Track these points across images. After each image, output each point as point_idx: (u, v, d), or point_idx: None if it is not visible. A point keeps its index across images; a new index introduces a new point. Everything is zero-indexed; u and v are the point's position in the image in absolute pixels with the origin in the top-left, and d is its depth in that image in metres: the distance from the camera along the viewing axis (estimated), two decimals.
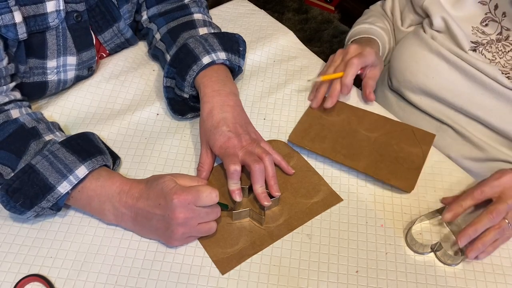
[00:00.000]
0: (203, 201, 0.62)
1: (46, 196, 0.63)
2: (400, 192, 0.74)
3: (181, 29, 0.83)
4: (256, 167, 0.67)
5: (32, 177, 0.63)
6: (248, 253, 0.66)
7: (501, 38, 0.82)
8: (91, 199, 0.65)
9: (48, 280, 0.62)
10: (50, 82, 0.78)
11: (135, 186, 0.65)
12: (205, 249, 0.66)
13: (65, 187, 0.63)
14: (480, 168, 0.85)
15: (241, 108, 0.76)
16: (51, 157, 0.64)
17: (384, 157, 0.76)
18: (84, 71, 0.82)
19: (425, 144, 0.78)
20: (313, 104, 0.83)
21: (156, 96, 0.85)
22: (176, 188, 0.62)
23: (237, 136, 0.71)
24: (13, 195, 0.62)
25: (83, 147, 0.66)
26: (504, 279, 0.65)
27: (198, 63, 0.76)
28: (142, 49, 0.93)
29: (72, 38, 0.76)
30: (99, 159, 0.66)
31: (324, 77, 0.83)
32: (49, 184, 0.63)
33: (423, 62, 0.86)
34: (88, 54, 0.80)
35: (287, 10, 2.20)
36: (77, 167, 0.64)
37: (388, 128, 0.81)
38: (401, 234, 0.69)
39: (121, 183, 0.65)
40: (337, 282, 0.64)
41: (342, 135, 0.79)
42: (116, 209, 0.65)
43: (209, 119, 0.72)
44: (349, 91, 0.83)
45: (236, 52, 0.81)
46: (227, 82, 0.77)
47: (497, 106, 0.81)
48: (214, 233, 0.67)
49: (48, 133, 0.68)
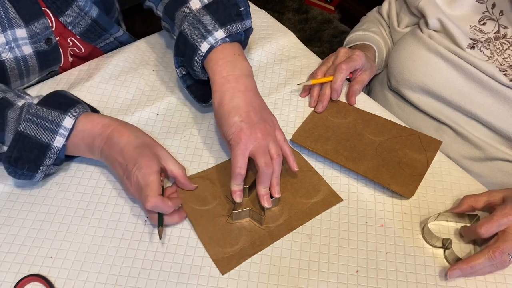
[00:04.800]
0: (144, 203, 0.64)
1: (46, 154, 0.66)
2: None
3: (174, 6, 0.77)
4: (265, 171, 0.66)
5: (26, 142, 0.65)
6: (248, 253, 0.66)
7: (499, 36, 0.83)
8: (78, 145, 0.69)
9: (48, 280, 0.62)
10: (7, 62, 0.76)
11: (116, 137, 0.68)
12: (205, 248, 0.66)
13: (60, 141, 0.67)
14: (480, 168, 0.85)
15: (253, 92, 0.71)
16: (35, 119, 0.66)
17: (386, 161, 0.76)
18: (42, 44, 0.79)
19: (431, 150, 0.78)
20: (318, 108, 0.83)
21: (156, 96, 0.85)
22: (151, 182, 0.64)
23: (251, 127, 0.66)
24: (17, 164, 0.66)
25: (59, 101, 0.68)
26: (504, 279, 0.65)
27: (198, 52, 0.71)
28: (142, 49, 0.93)
29: (15, 9, 0.73)
30: (79, 107, 0.69)
31: (314, 81, 0.84)
32: (44, 143, 0.66)
33: (421, 60, 0.86)
34: (39, 24, 0.77)
35: (287, 10, 2.20)
36: (62, 119, 0.66)
37: (394, 133, 0.80)
38: (401, 234, 0.69)
39: (102, 125, 0.68)
40: (337, 282, 0.64)
41: (346, 138, 0.79)
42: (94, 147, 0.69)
43: (220, 109, 0.69)
44: (339, 95, 0.83)
45: (237, 17, 0.73)
46: (236, 62, 0.71)
47: (495, 104, 0.81)
48: (214, 232, 0.67)
49: (19, 99, 0.69)
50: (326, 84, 0.84)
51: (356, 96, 0.85)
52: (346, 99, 0.86)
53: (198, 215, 0.69)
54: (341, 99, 0.85)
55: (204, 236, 0.67)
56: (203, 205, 0.70)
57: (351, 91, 0.85)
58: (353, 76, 0.87)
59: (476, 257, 0.63)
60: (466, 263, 0.63)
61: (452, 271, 0.63)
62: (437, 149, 0.78)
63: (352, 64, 0.83)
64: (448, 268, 0.64)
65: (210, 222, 0.69)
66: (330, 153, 0.77)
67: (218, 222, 0.68)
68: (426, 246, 0.68)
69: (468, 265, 0.63)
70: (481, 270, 0.64)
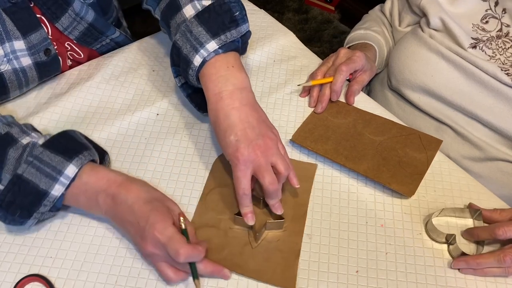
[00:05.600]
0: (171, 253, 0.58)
1: (42, 201, 0.61)
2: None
3: (169, 14, 0.75)
4: (270, 189, 0.64)
5: (22, 187, 0.60)
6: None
7: (501, 34, 0.83)
8: (78, 196, 0.64)
9: (48, 280, 0.62)
10: (6, 74, 0.74)
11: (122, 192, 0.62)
12: (260, 279, 0.64)
13: (59, 190, 0.62)
14: (480, 168, 0.85)
15: (250, 105, 0.67)
16: (36, 162, 0.61)
17: (387, 161, 0.76)
18: (41, 55, 0.77)
19: (431, 149, 0.78)
20: (317, 109, 0.83)
21: (156, 96, 0.85)
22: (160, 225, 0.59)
23: (248, 145, 0.64)
24: (9, 209, 0.61)
25: (66, 145, 0.64)
26: (504, 279, 0.65)
27: (191, 66, 0.69)
28: (142, 50, 0.93)
29: (12, 21, 0.71)
30: (86, 154, 0.64)
31: (314, 82, 0.84)
32: (42, 191, 0.61)
33: (422, 60, 0.86)
34: (37, 35, 0.75)
35: (287, 10, 2.20)
36: (65, 167, 0.62)
37: (394, 132, 0.80)
38: (401, 234, 0.69)
39: (108, 180, 0.63)
40: (337, 282, 0.64)
41: (346, 138, 0.79)
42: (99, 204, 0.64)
43: (216, 128, 0.67)
44: (338, 96, 0.83)
45: (231, 23, 0.70)
46: (229, 76, 0.68)
47: (496, 104, 0.81)
48: (251, 260, 0.65)
49: (24, 136, 0.65)
50: (326, 84, 0.84)
51: (355, 96, 0.85)
52: (344, 99, 0.86)
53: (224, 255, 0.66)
54: (340, 99, 0.85)
55: (249, 269, 0.64)
56: (222, 249, 0.66)
57: (350, 90, 0.85)
58: (353, 76, 0.87)
59: (486, 256, 0.64)
60: (474, 259, 0.64)
61: (458, 262, 0.64)
62: (438, 148, 0.78)
63: (352, 65, 0.83)
64: (454, 258, 0.65)
65: (241, 254, 0.66)
66: (330, 153, 0.77)
67: (246, 251, 0.66)
68: (426, 246, 0.68)
69: (475, 261, 0.63)
70: (486, 269, 0.64)
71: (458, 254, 0.66)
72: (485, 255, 0.64)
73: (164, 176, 0.74)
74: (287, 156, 0.68)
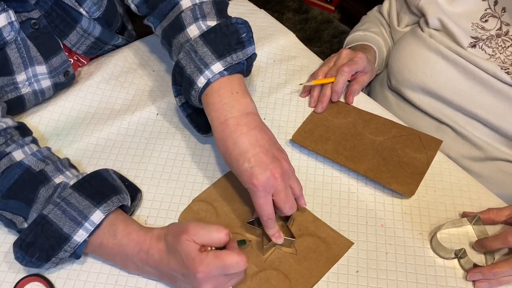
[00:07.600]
0: (230, 271, 0.57)
1: (63, 246, 0.59)
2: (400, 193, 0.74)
3: (172, 33, 0.72)
4: (289, 212, 0.65)
5: (45, 229, 0.58)
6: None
7: (501, 33, 0.83)
8: (112, 257, 0.62)
9: (48, 280, 0.62)
10: (26, 95, 0.75)
11: (153, 245, 0.60)
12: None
13: (82, 236, 0.59)
14: (480, 168, 0.85)
15: (259, 129, 0.65)
16: (63, 204, 0.59)
17: (387, 161, 0.76)
18: (61, 77, 0.78)
19: (431, 149, 0.78)
20: (317, 109, 0.83)
21: (156, 96, 0.85)
22: (199, 258, 0.56)
23: (265, 170, 0.61)
24: (28, 250, 0.58)
25: (96, 188, 0.62)
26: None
27: (195, 87, 0.67)
28: (142, 50, 0.93)
29: (36, 47, 0.72)
30: (115, 200, 0.62)
31: (316, 81, 0.84)
32: (64, 234, 0.59)
33: (422, 60, 0.86)
34: (58, 59, 0.76)
35: (287, 10, 2.20)
36: (91, 212, 0.59)
37: (394, 132, 0.80)
38: (401, 234, 0.69)
39: (138, 241, 0.60)
40: (337, 282, 0.64)
41: (346, 138, 0.79)
42: (139, 268, 0.61)
43: (227, 158, 0.65)
44: (339, 97, 0.84)
45: (238, 45, 0.68)
46: (234, 103, 0.65)
47: (496, 104, 0.81)
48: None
49: (58, 174, 0.63)
50: (326, 85, 0.84)
51: (354, 96, 0.85)
52: (344, 98, 0.86)
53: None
54: (340, 99, 0.85)
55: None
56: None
57: (350, 90, 0.85)
58: (353, 77, 0.87)
59: (500, 264, 0.63)
60: (489, 270, 0.63)
61: (474, 273, 0.63)
62: (438, 148, 0.78)
63: (354, 66, 0.83)
64: (469, 270, 0.64)
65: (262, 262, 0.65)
66: (330, 153, 0.77)
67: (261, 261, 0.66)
68: (426, 246, 0.68)
69: (491, 271, 0.63)
70: (502, 278, 0.64)
71: (470, 266, 0.65)
72: (499, 264, 0.63)
73: (164, 176, 0.74)
74: (298, 181, 0.68)
